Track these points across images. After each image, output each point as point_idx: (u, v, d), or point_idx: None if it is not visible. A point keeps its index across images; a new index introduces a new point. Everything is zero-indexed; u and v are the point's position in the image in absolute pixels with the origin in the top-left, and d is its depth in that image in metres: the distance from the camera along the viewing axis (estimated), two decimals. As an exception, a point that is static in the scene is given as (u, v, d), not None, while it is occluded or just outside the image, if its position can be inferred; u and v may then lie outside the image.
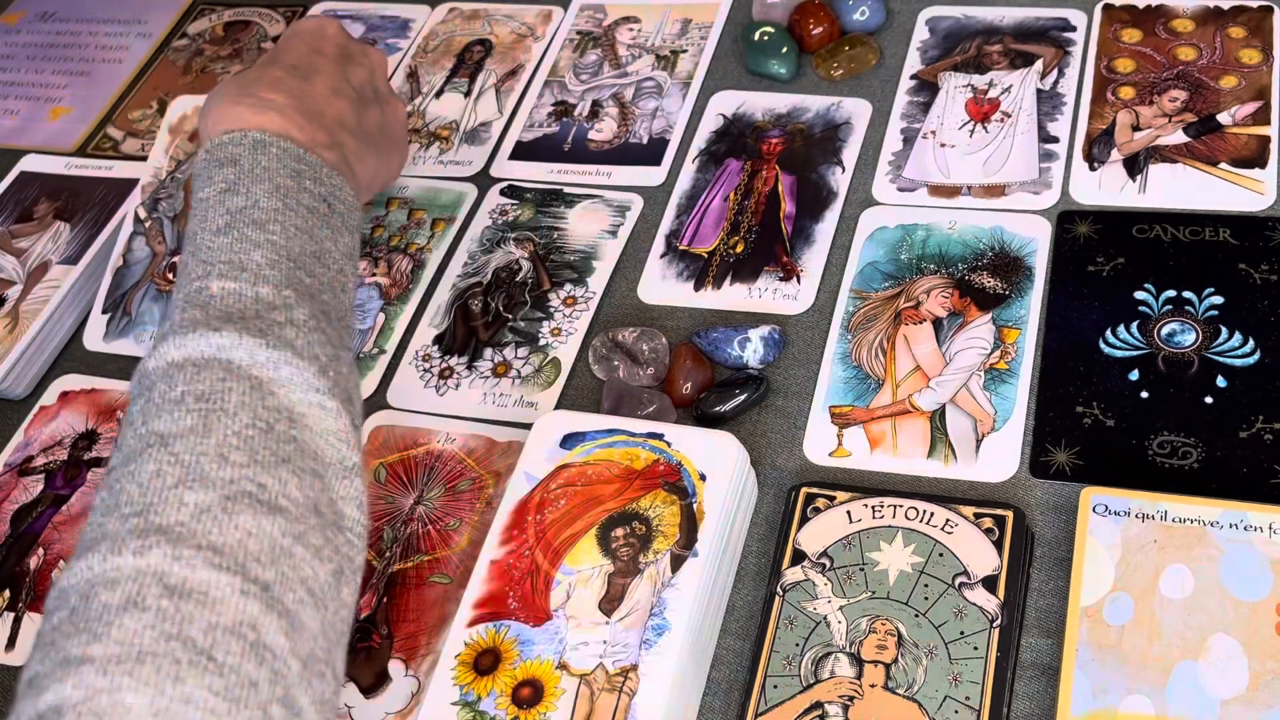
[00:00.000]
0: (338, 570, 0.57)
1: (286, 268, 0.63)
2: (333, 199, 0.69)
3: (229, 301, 0.61)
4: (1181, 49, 0.90)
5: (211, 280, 0.62)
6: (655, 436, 0.71)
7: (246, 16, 1.14)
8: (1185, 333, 0.75)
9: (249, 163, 0.67)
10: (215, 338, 0.58)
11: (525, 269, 0.87)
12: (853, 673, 0.64)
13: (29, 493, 0.83)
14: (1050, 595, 0.67)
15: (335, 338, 0.63)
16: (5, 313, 0.92)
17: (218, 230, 0.64)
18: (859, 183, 0.88)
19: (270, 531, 0.54)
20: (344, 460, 0.60)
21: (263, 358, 0.58)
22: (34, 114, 1.09)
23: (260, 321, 0.60)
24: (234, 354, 0.58)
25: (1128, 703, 0.60)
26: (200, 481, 0.54)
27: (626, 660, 0.64)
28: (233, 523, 0.53)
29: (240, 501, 0.54)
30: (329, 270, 0.66)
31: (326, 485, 0.58)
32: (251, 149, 0.68)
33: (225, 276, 0.62)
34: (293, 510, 0.55)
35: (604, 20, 1.04)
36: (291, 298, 0.62)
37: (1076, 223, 0.82)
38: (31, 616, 0.77)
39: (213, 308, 0.60)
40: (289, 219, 0.66)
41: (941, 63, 0.94)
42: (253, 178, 0.67)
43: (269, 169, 0.67)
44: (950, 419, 0.74)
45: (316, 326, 0.62)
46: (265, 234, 0.64)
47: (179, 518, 0.53)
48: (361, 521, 0.60)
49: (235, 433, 0.56)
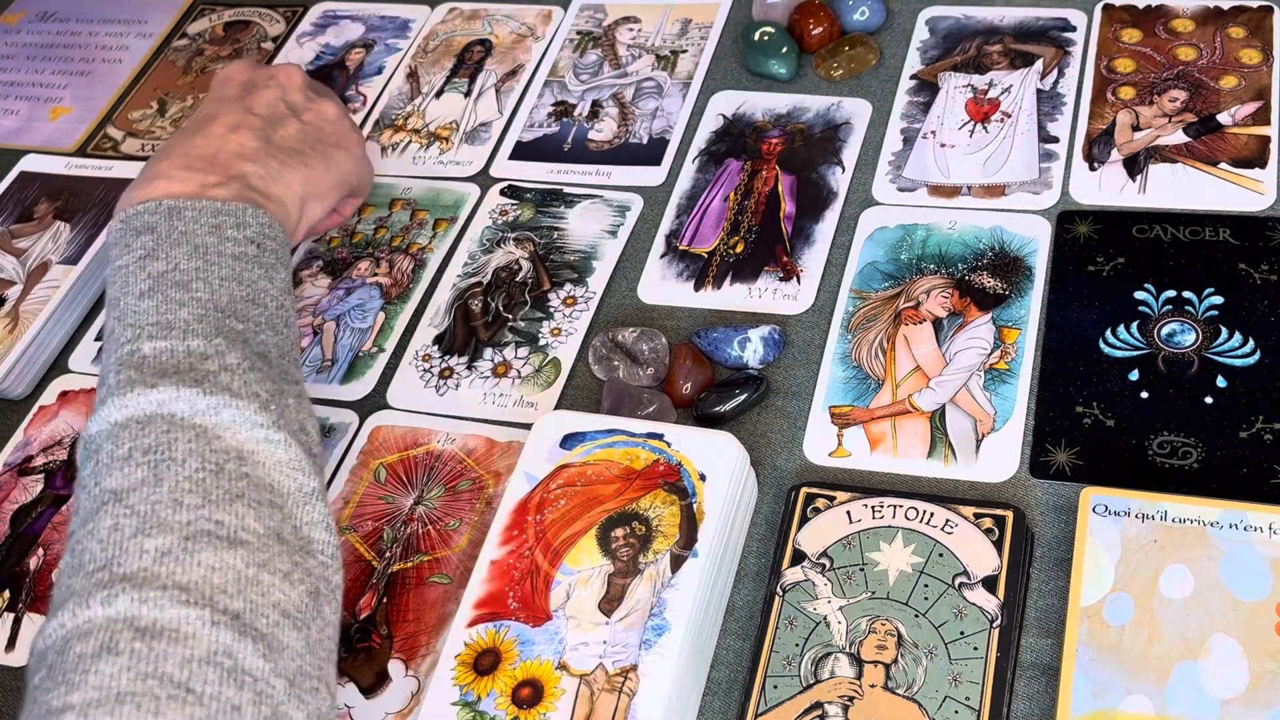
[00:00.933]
0: (313, 591, 0.58)
1: (215, 319, 0.65)
2: (262, 238, 0.71)
3: (162, 359, 0.62)
4: (1181, 49, 0.90)
5: (141, 342, 0.63)
6: (655, 436, 0.71)
7: (246, 16, 1.14)
8: (1185, 333, 0.75)
9: (165, 229, 0.69)
10: (154, 394, 0.60)
11: (525, 269, 0.87)
12: (853, 673, 0.64)
13: (29, 492, 0.83)
14: (1050, 595, 0.67)
15: (276, 374, 0.65)
16: (5, 313, 0.92)
17: (141, 294, 0.66)
18: (859, 183, 0.88)
19: (233, 564, 0.56)
20: (302, 487, 0.61)
21: (202, 405, 0.60)
22: (34, 114, 1.09)
23: (194, 373, 0.62)
24: (174, 406, 0.60)
25: (1128, 703, 0.60)
26: (158, 528, 0.56)
27: (626, 660, 0.64)
28: (195, 560, 0.55)
29: (199, 540, 0.56)
30: (266, 309, 0.68)
31: (287, 514, 0.60)
32: (167, 215, 0.69)
33: (155, 337, 0.63)
34: (254, 541, 0.57)
35: (604, 20, 1.04)
36: (222, 345, 0.64)
37: (1076, 223, 0.82)
38: (31, 617, 0.77)
39: (146, 367, 0.62)
40: (212, 273, 0.67)
41: (941, 63, 0.94)
42: (170, 242, 0.68)
43: (186, 232, 0.69)
44: (950, 419, 0.74)
45: (252, 367, 0.63)
46: (189, 293, 0.66)
47: (141, 564, 0.54)
48: (331, 543, 0.61)
49: (186, 478, 0.58)
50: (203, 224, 0.69)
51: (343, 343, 0.86)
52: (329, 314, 0.88)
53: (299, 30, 1.11)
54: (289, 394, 0.64)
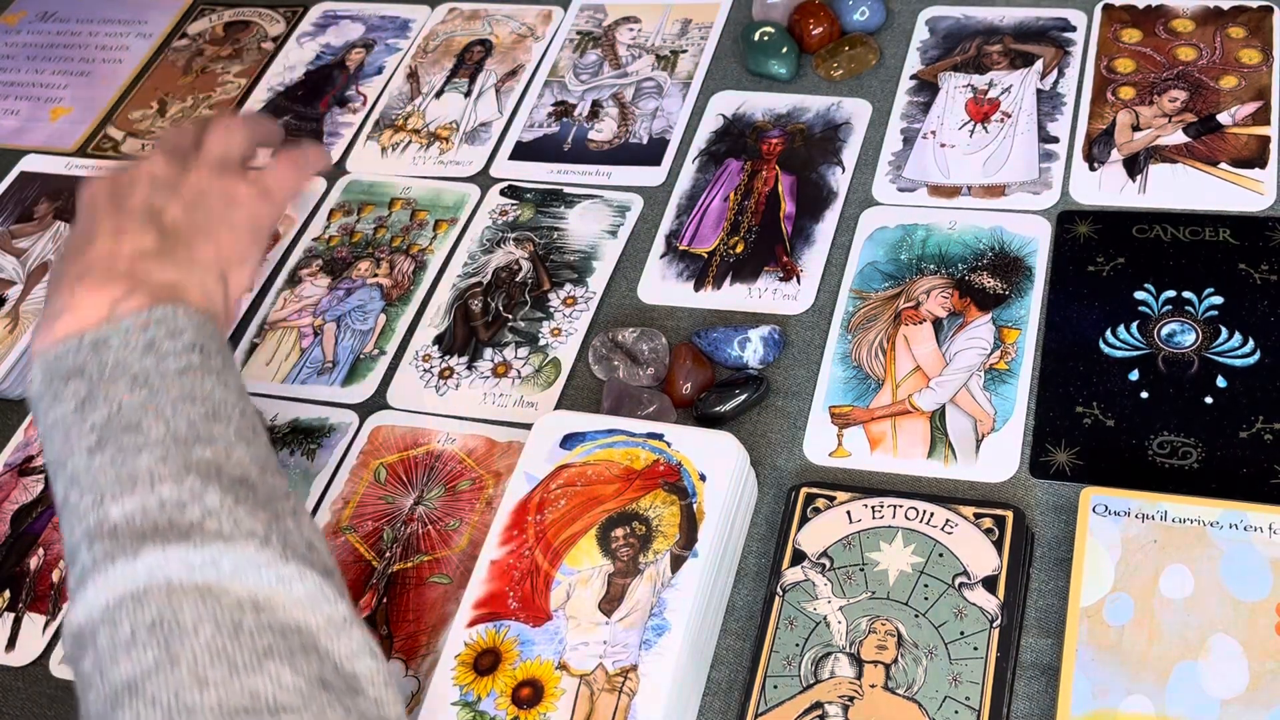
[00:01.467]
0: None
1: (179, 454, 0.58)
2: (202, 340, 0.62)
3: (135, 520, 0.55)
4: (1181, 49, 0.90)
5: (106, 507, 0.56)
6: (655, 436, 0.71)
7: (246, 17, 1.14)
8: (1185, 333, 0.75)
9: (94, 367, 0.60)
10: (139, 563, 0.53)
11: (525, 269, 0.87)
12: (853, 673, 0.64)
13: (29, 493, 0.83)
14: (1050, 595, 0.67)
15: (263, 496, 0.58)
16: (5, 313, 0.92)
17: (89, 450, 0.58)
18: (859, 183, 0.88)
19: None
20: (331, 619, 0.55)
21: (197, 560, 0.54)
22: (34, 114, 1.09)
23: (176, 527, 0.55)
24: (168, 570, 0.53)
25: (1128, 703, 0.60)
26: (188, 717, 0.50)
27: (626, 660, 0.64)
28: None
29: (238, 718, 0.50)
30: (230, 421, 0.60)
31: (324, 654, 0.54)
32: (92, 350, 0.61)
33: (119, 497, 0.56)
34: (297, 701, 0.51)
35: (604, 20, 1.04)
36: (197, 484, 0.56)
37: (1076, 223, 0.82)
38: (31, 617, 0.77)
39: (121, 534, 0.55)
40: (161, 401, 0.59)
41: (941, 63, 0.94)
42: (106, 380, 0.60)
43: (119, 363, 0.60)
44: (950, 419, 0.74)
45: (237, 500, 0.57)
46: (141, 434, 0.58)
47: None
48: (380, 671, 0.55)
49: (204, 649, 0.51)
50: (133, 347, 0.60)
51: (343, 344, 0.86)
52: (329, 315, 0.88)
53: (299, 30, 1.11)
54: (284, 515, 0.58)
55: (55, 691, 0.74)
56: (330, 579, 0.56)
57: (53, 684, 0.74)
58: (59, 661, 0.74)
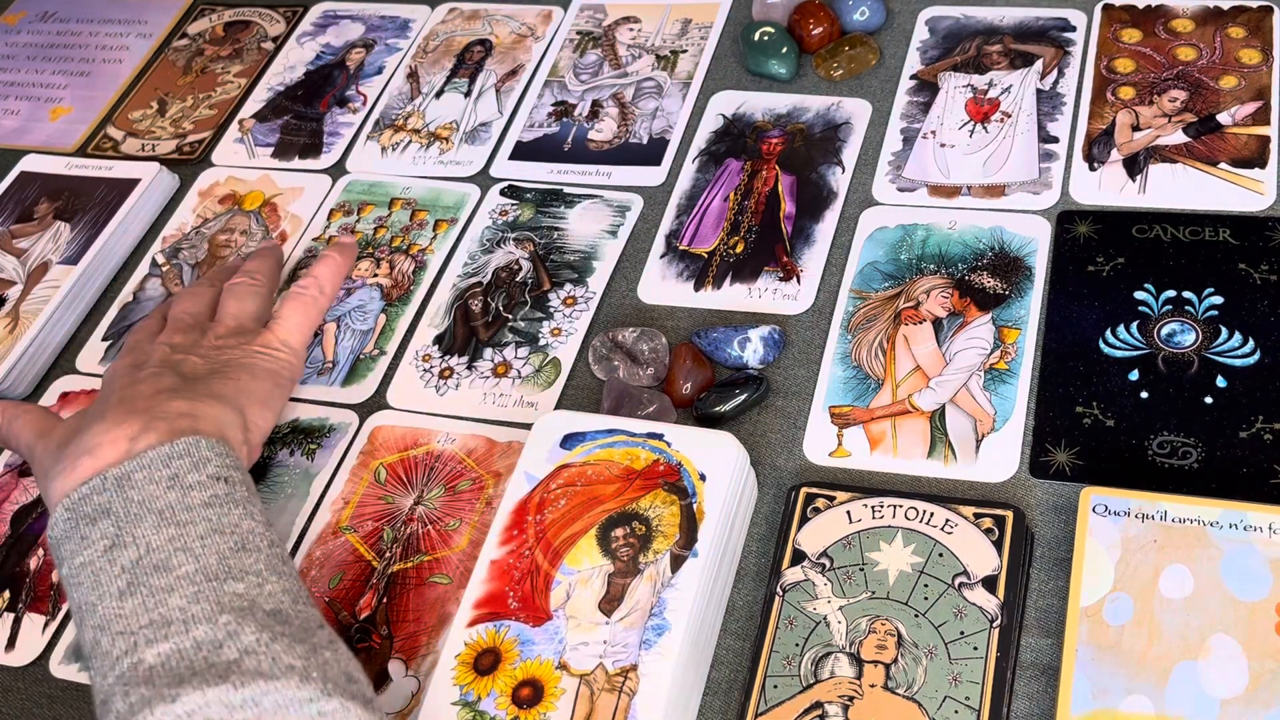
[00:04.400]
0: None
1: (211, 592, 0.57)
2: (226, 471, 0.62)
3: (171, 664, 0.54)
4: (1181, 49, 0.90)
5: (140, 652, 0.55)
6: (655, 436, 0.71)
7: (246, 17, 1.14)
8: (1185, 333, 0.75)
9: (120, 506, 0.60)
10: (178, 707, 0.52)
11: (525, 269, 0.87)
12: (852, 673, 0.64)
13: (29, 493, 0.83)
14: (1050, 595, 0.67)
15: (298, 629, 0.57)
16: (6, 313, 0.92)
17: (120, 594, 0.57)
18: (859, 183, 0.88)
19: None
20: None
21: (237, 700, 0.52)
22: (34, 114, 1.09)
23: (214, 668, 0.53)
24: (208, 713, 0.52)
25: (1127, 703, 0.60)
26: None
27: (626, 660, 0.64)
28: None
29: None
30: (260, 552, 0.60)
31: None
32: (117, 488, 0.60)
33: (154, 641, 0.55)
34: None
35: (604, 20, 1.04)
36: (232, 623, 0.55)
37: (1076, 223, 0.82)
38: (31, 617, 0.77)
39: (157, 678, 0.54)
40: (189, 536, 0.58)
41: (941, 63, 0.94)
42: (131, 520, 0.59)
43: (145, 500, 0.59)
44: (950, 419, 0.74)
45: (273, 636, 0.55)
46: (172, 574, 0.57)
47: None
48: None
49: None
50: (157, 482, 0.60)
51: (343, 344, 0.86)
52: (329, 315, 0.88)
53: (299, 30, 1.11)
54: (321, 647, 0.56)
55: (55, 691, 0.74)
56: (370, 710, 0.55)
57: (52, 684, 0.74)
58: (58, 662, 0.75)
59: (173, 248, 0.95)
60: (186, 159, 1.02)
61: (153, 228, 0.97)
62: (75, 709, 0.73)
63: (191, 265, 0.93)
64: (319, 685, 0.54)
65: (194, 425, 0.64)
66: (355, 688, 0.56)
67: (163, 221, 0.98)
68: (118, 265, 0.95)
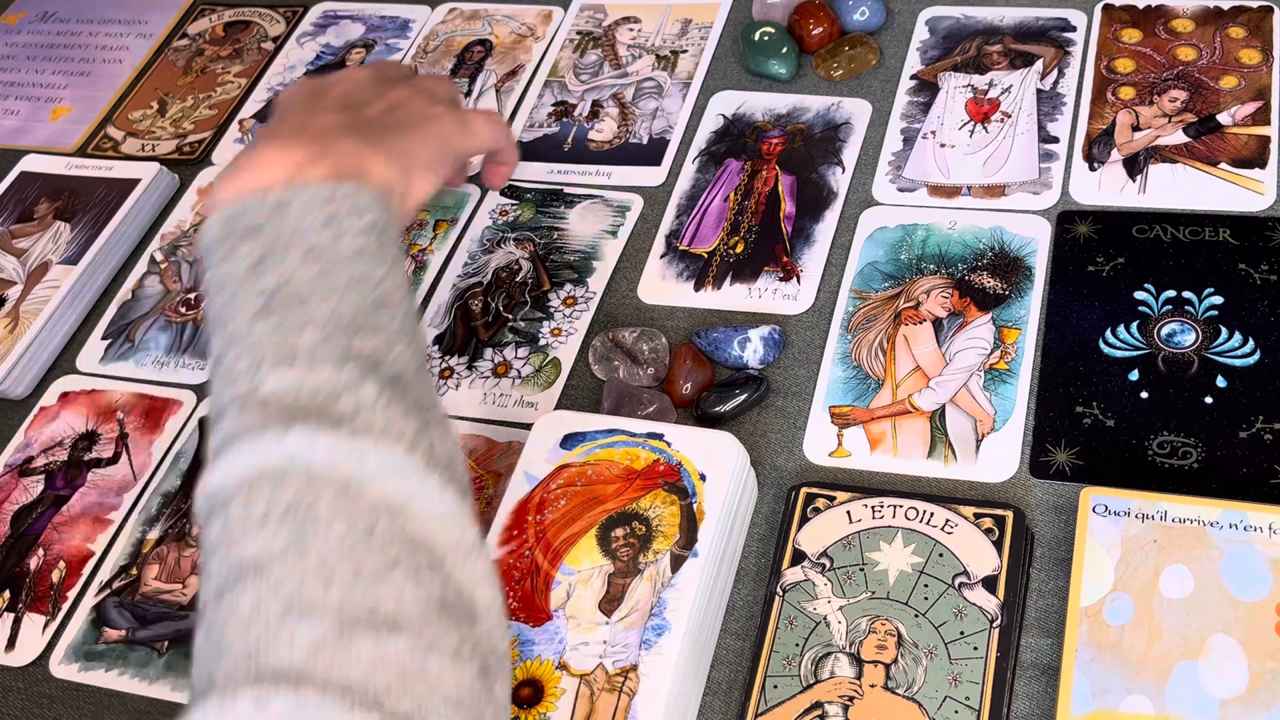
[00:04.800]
0: (483, 668, 0.51)
1: (341, 340, 0.56)
2: (381, 226, 0.61)
3: (288, 398, 0.54)
4: (1181, 49, 0.90)
5: (262, 375, 0.55)
6: (655, 436, 0.71)
7: (246, 17, 1.14)
8: (1185, 333, 0.75)
9: (273, 230, 0.59)
10: (286, 441, 0.52)
11: (525, 269, 0.87)
12: (853, 673, 0.64)
13: (29, 493, 0.83)
14: (1050, 595, 0.67)
15: (416, 400, 0.56)
16: (6, 313, 0.92)
17: (254, 315, 0.57)
18: (859, 183, 0.88)
19: (395, 654, 0.48)
20: (460, 542, 0.53)
21: (343, 452, 0.52)
22: (34, 114, 1.09)
23: (329, 413, 0.53)
24: (312, 456, 0.52)
25: (1127, 703, 0.60)
26: (307, 611, 0.48)
27: (626, 660, 0.64)
28: (354, 653, 0.48)
29: (357, 628, 0.48)
30: (395, 315, 0.59)
31: (448, 576, 0.52)
32: (273, 212, 0.59)
33: (276, 368, 0.55)
34: (415, 620, 0.50)
35: (604, 20, 1.04)
36: (355, 374, 0.55)
37: (1076, 223, 0.82)
38: (31, 617, 0.77)
39: (272, 407, 0.53)
40: (333, 279, 0.58)
41: (941, 63, 0.94)
42: (282, 246, 0.58)
43: (297, 231, 0.59)
44: (950, 419, 0.74)
45: (391, 399, 0.55)
46: (309, 311, 0.56)
47: (293, 658, 0.47)
48: (497, 600, 0.53)
49: (334, 547, 0.50)
50: (314, 217, 0.59)
51: (343, 343, 0.86)
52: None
53: (299, 30, 1.11)
54: (432, 423, 0.56)
55: (55, 692, 0.74)
56: (465, 500, 0.55)
57: (52, 684, 0.74)
58: (58, 662, 0.75)
59: (171, 245, 0.95)
60: (187, 159, 1.02)
61: (152, 228, 0.97)
62: (75, 709, 0.73)
63: (189, 263, 0.93)
64: (424, 459, 0.54)
65: (361, 172, 0.63)
66: (454, 473, 0.55)
67: (162, 221, 0.98)
68: (118, 265, 0.95)
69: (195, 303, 0.91)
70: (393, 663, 0.48)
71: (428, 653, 0.49)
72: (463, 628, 0.51)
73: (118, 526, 0.80)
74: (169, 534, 0.79)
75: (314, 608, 0.49)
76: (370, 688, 0.47)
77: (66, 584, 0.78)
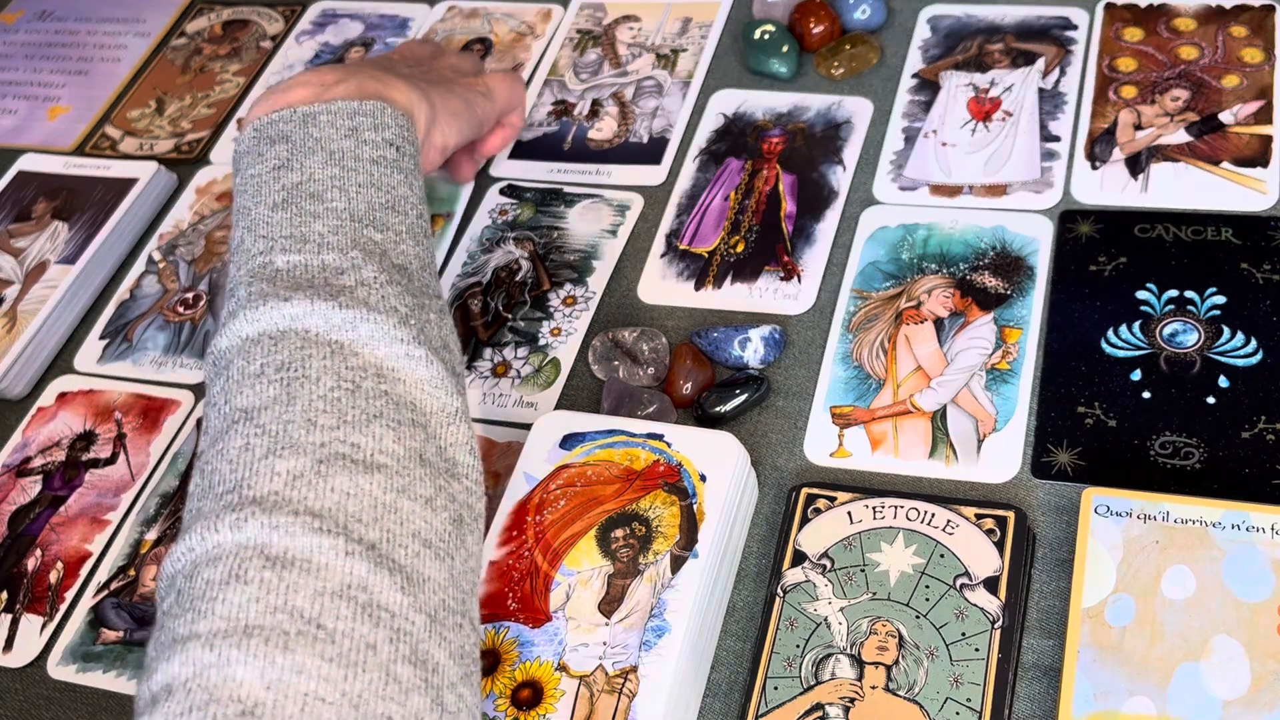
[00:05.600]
0: (456, 519, 0.55)
1: (351, 230, 0.62)
2: (400, 141, 0.67)
3: (296, 273, 0.60)
4: (1183, 48, 0.90)
5: (274, 255, 0.61)
6: (655, 437, 0.71)
7: (245, 15, 1.13)
8: (1187, 333, 0.75)
9: (300, 136, 0.66)
10: (286, 307, 0.58)
11: (525, 269, 0.87)
12: (854, 674, 0.63)
13: (26, 494, 0.83)
14: (1052, 596, 0.67)
15: (416, 287, 0.62)
16: (3, 313, 0.91)
17: (274, 206, 0.63)
18: (860, 182, 0.87)
19: (369, 489, 0.52)
20: (445, 407, 0.58)
21: (338, 319, 0.57)
22: (32, 113, 1.09)
23: (329, 286, 0.59)
24: (309, 321, 0.57)
25: (1129, 704, 0.59)
26: (290, 449, 0.53)
27: (626, 662, 0.63)
28: (328, 485, 0.52)
29: (334, 464, 0.52)
30: (406, 217, 0.65)
31: (431, 434, 0.56)
32: (301, 122, 0.66)
33: (288, 250, 0.61)
34: (392, 465, 0.54)
35: (604, 19, 1.04)
36: (358, 258, 0.61)
37: (1078, 222, 0.81)
38: (29, 618, 0.76)
39: (279, 280, 0.59)
40: (349, 180, 0.64)
41: (943, 61, 0.94)
42: (305, 150, 0.65)
43: (321, 138, 0.66)
44: (951, 419, 0.74)
45: (390, 280, 0.60)
46: (324, 204, 0.63)
47: (272, 487, 0.52)
48: (476, 468, 0.58)
49: (321, 397, 0.55)
50: (338, 127, 0.66)
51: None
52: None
53: (298, 29, 1.10)
54: (429, 309, 0.62)
55: (52, 693, 0.73)
56: (454, 378, 0.59)
57: (50, 685, 0.74)
58: (56, 663, 0.74)
59: (169, 245, 0.95)
60: (185, 158, 1.01)
61: (150, 227, 0.97)
62: (73, 710, 0.73)
63: (188, 262, 0.93)
64: (414, 332, 0.58)
65: (383, 92, 0.69)
66: (447, 354, 0.60)
67: (160, 221, 0.97)
68: (116, 265, 0.95)
69: (193, 302, 0.91)
70: (365, 496, 0.52)
71: (400, 494, 0.53)
72: (439, 480, 0.55)
73: (115, 527, 0.80)
74: (167, 534, 0.78)
75: (296, 447, 0.53)
76: (340, 515, 0.51)
77: (64, 585, 0.78)
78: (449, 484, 0.55)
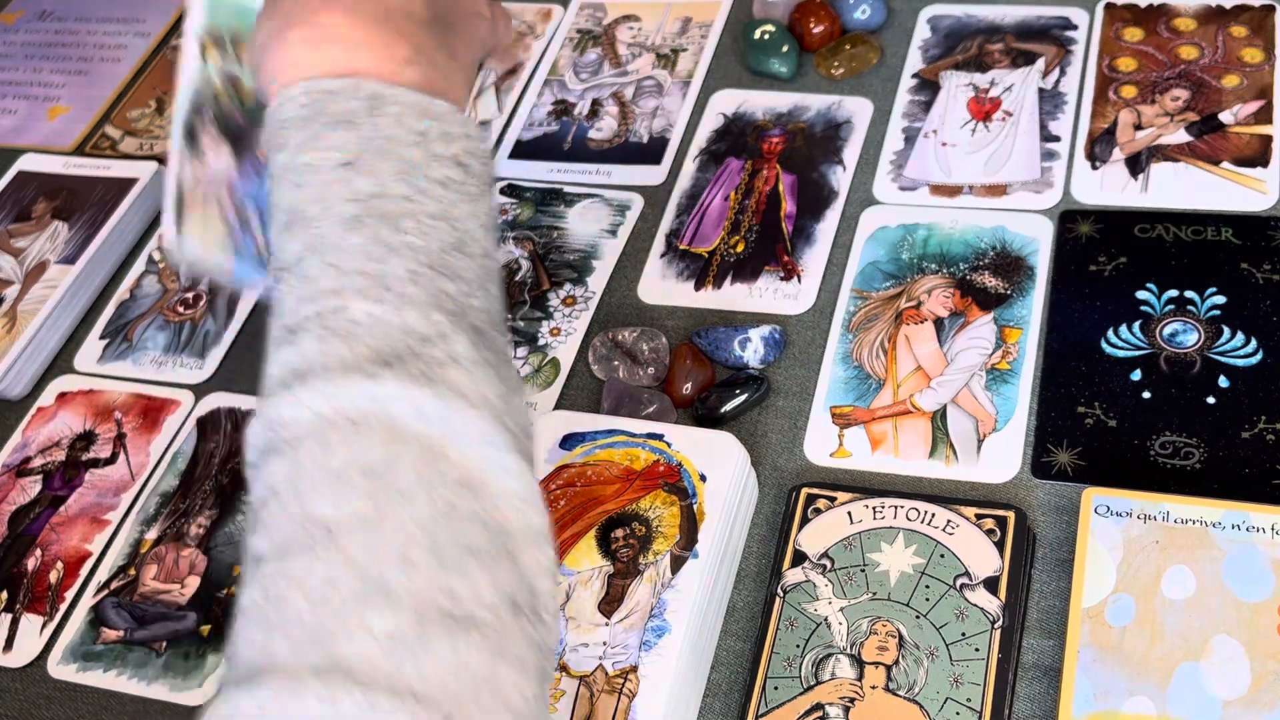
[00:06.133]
0: (540, 673, 0.47)
1: (429, 279, 0.50)
2: (468, 159, 0.54)
3: (377, 333, 0.48)
4: (1183, 48, 0.90)
5: (350, 298, 0.49)
6: (655, 437, 0.71)
7: (245, 15, 1.13)
8: (1187, 333, 0.75)
9: (368, 127, 0.52)
10: (373, 388, 0.47)
11: (525, 268, 0.87)
12: (854, 674, 0.63)
13: (26, 494, 0.83)
14: (1052, 596, 0.67)
15: (498, 358, 0.51)
16: (3, 313, 0.91)
17: (347, 223, 0.51)
18: (860, 182, 0.87)
19: (468, 658, 0.44)
20: (530, 525, 0.48)
21: (432, 412, 0.47)
22: (32, 113, 1.09)
23: (420, 362, 0.48)
24: (397, 407, 0.47)
25: (1129, 704, 0.59)
26: (384, 597, 0.44)
27: (626, 662, 0.63)
28: (429, 654, 0.44)
29: (433, 623, 0.44)
30: (474, 261, 0.53)
31: (516, 563, 0.48)
32: (369, 107, 0.53)
33: (366, 295, 0.49)
34: (489, 620, 0.46)
35: (604, 18, 1.04)
36: (444, 324, 0.49)
37: (1078, 222, 0.81)
38: (29, 618, 0.76)
39: (359, 340, 0.48)
40: (422, 207, 0.52)
41: (943, 61, 0.93)
42: (375, 151, 0.52)
43: (392, 138, 0.52)
44: (952, 419, 0.74)
45: (480, 358, 0.50)
46: (401, 234, 0.51)
47: (366, 650, 0.43)
48: (555, 596, 0.49)
49: (414, 521, 0.46)
50: (408, 128, 0.53)
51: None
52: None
53: (298, 29, 1.10)
54: (513, 389, 0.51)
55: (52, 692, 0.73)
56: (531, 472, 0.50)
57: (50, 685, 0.74)
58: (56, 663, 0.74)
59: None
60: (185, 158, 1.01)
61: (150, 227, 0.97)
62: (73, 709, 0.73)
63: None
64: (510, 432, 0.49)
65: (445, 87, 0.56)
66: (528, 445, 0.50)
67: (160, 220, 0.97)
68: (116, 265, 0.95)
69: (194, 302, 0.91)
70: (466, 671, 0.44)
71: (498, 659, 0.45)
72: (528, 630, 0.47)
73: (115, 527, 0.80)
74: (167, 534, 0.78)
75: (391, 595, 0.44)
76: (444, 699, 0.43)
77: (64, 584, 0.78)
78: (535, 630, 0.47)
